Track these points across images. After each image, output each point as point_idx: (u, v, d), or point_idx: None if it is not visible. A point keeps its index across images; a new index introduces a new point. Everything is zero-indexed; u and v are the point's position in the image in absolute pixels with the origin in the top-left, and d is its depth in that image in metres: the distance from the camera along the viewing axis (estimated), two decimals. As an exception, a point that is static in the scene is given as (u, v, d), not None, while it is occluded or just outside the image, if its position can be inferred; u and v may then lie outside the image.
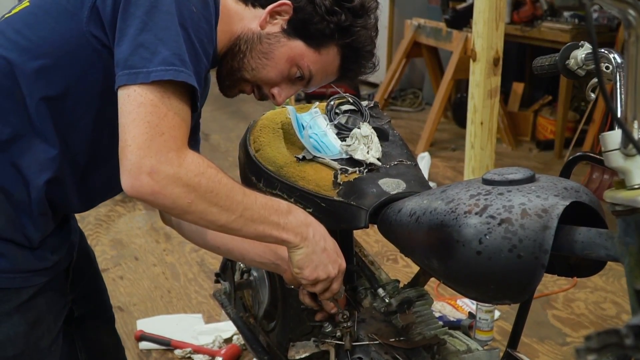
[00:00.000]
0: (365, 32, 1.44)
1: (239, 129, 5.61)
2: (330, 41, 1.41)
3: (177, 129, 1.19)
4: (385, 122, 1.77)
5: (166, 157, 1.16)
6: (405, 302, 1.54)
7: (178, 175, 1.17)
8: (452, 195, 1.25)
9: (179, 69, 1.17)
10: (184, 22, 1.20)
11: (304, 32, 1.40)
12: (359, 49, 1.45)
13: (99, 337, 1.64)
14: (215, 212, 1.23)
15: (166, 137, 1.17)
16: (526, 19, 5.00)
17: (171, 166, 1.16)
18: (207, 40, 1.26)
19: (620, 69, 1.17)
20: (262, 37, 1.40)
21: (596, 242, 1.08)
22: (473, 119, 3.32)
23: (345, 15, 1.40)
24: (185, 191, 1.18)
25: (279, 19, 1.40)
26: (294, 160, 1.61)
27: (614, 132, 1.01)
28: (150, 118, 1.16)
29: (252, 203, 1.27)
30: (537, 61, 1.43)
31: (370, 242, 3.58)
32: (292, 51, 1.41)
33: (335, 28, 1.40)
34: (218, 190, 1.22)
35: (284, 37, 1.40)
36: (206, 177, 1.21)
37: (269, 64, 1.41)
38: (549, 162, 5.00)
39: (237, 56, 1.41)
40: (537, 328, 2.85)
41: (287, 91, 1.46)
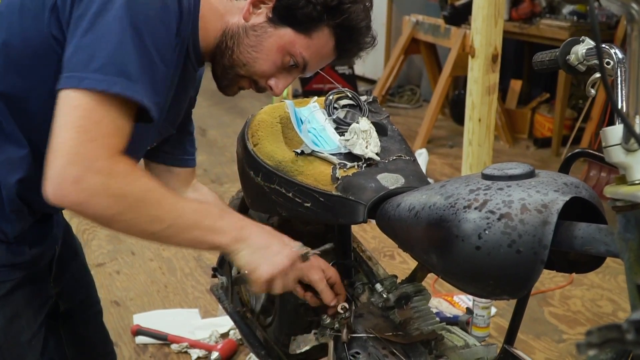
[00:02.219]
0: (356, 6, 1.36)
1: (235, 124, 5.61)
2: (320, 23, 1.35)
3: (111, 136, 1.14)
4: (384, 117, 1.76)
5: (94, 166, 1.11)
6: (403, 298, 1.54)
7: (106, 185, 1.12)
8: (451, 190, 1.25)
9: (114, 79, 1.11)
10: (137, 28, 1.14)
11: (291, 18, 1.34)
12: (353, 27, 1.38)
13: (86, 332, 1.63)
14: (144, 222, 1.19)
15: (97, 144, 1.12)
16: (525, 16, 5.00)
17: (99, 175, 1.11)
18: (166, 45, 1.21)
19: (622, 65, 1.17)
20: (247, 29, 1.36)
21: (596, 238, 1.08)
22: (471, 116, 3.31)
23: None
24: (113, 202, 1.14)
25: (263, 7, 1.35)
26: (292, 155, 1.60)
27: (615, 127, 1.01)
28: (83, 123, 1.11)
29: (183, 210, 1.23)
30: (537, 56, 1.43)
31: (367, 238, 3.58)
32: (282, 40, 1.36)
33: (322, 9, 1.33)
34: (147, 200, 1.18)
35: (270, 26, 1.35)
36: (136, 187, 1.17)
37: (259, 56, 1.37)
38: (546, 159, 5.01)
39: (226, 53, 1.37)
40: (534, 325, 2.85)
41: (284, 81, 1.42)
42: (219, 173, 4.65)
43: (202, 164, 4.74)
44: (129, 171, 1.15)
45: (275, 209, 1.63)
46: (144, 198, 1.17)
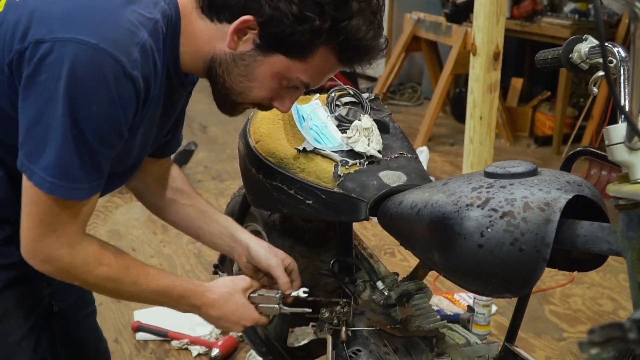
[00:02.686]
0: (356, 21, 1.20)
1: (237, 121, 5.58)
2: (316, 46, 1.22)
3: (70, 225, 1.23)
4: (386, 114, 1.76)
5: (57, 254, 1.23)
6: (404, 295, 1.54)
7: (68, 270, 1.26)
8: (453, 188, 1.25)
9: (57, 182, 1.15)
10: (79, 126, 1.12)
11: (280, 45, 1.22)
12: (355, 44, 1.23)
13: (79, 332, 1.62)
14: (105, 293, 1.38)
15: (58, 234, 1.22)
16: (526, 14, 5.00)
17: (62, 262, 1.24)
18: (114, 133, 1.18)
19: (624, 63, 1.17)
20: (235, 58, 1.25)
21: (598, 236, 1.08)
22: (472, 114, 3.31)
23: (321, 17, 1.18)
24: (75, 280, 1.30)
25: (249, 34, 1.22)
26: (294, 152, 1.60)
27: (618, 125, 1.01)
28: (43, 217, 1.19)
29: (140, 292, 1.37)
30: (540, 54, 1.42)
31: (368, 235, 3.58)
32: (274, 67, 1.25)
33: (314, 34, 1.19)
34: (104, 285, 1.32)
35: (259, 54, 1.23)
36: (93, 275, 1.29)
37: (253, 85, 1.28)
38: (547, 157, 5.01)
39: (218, 81, 1.30)
40: (534, 323, 2.85)
41: (289, 99, 1.34)
42: (220, 170, 4.65)
43: (203, 161, 4.74)
44: (89, 261, 1.27)
45: (277, 206, 1.63)
46: (103, 286, 1.33)
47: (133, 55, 1.14)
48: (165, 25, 1.22)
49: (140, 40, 1.15)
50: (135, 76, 1.14)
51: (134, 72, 1.14)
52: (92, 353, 1.68)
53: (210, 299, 1.45)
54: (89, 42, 1.10)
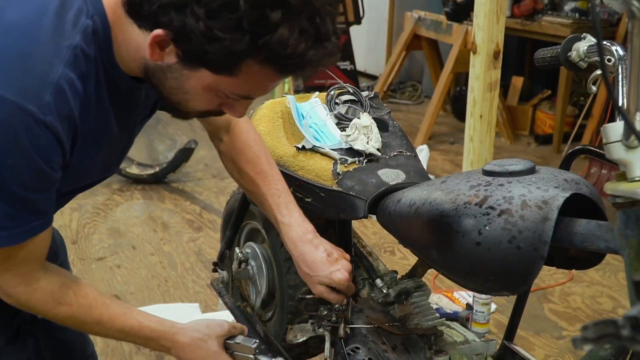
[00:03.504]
0: (282, 33, 1.05)
1: (237, 119, 5.60)
2: (241, 61, 1.09)
3: (23, 264, 1.23)
4: (385, 112, 1.77)
5: (15, 291, 1.25)
6: (403, 293, 1.54)
7: (28, 305, 1.29)
8: (452, 186, 1.25)
9: None
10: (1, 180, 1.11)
11: (201, 60, 1.10)
12: (286, 57, 1.08)
13: (64, 336, 1.61)
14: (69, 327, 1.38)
15: (13, 273, 1.23)
16: (526, 12, 5.00)
17: (21, 298, 1.27)
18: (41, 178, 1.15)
19: (623, 62, 1.17)
20: (164, 70, 1.15)
21: (596, 235, 1.08)
22: (472, 112, 3.31)
23: (236, 34, 1.04)
24: (38, 314, 1.33)
25: (171, 46, 1.10)
26: (293, 150, 1.60)
27: (616, 123, 1.01)
28: None
29: (104, 330, 1.37)
30: (538, 53, 1.43)
31: (367, 234, 3.58)
32: (202, 81, 1.14)
33: (229, 53, 1.06)
34: (65, 322, 1.34)
35: (184, 68, 1.12)
36: (52, 314, 1.31)
37: (189, 97, 1.19)
38: (547, 156, 5.01)
39: (157, 90, 1.21)
40: (533, 321, 2.85)
41: (240, 107, 1.24)
42: (220, 168, 4.63)
43: (204, 159, 4.75)
44: (46, 299, 1.28)
45: (276, 203, 1.63)
46: (64, 323, 1.35)
47: (44, 99, 1.08)
48: (90, 43, 1.15)
49: (54, 79, 1.09)
50: (49, 122, 1.09)
51: (47, 118, 1.09)
52: (78, 356, 1.68)
53: (181, 342, 1.43)
54: None
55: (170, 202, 4.05)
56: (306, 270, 1.52)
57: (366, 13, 6.14)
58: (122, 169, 4.23)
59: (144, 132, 5.45)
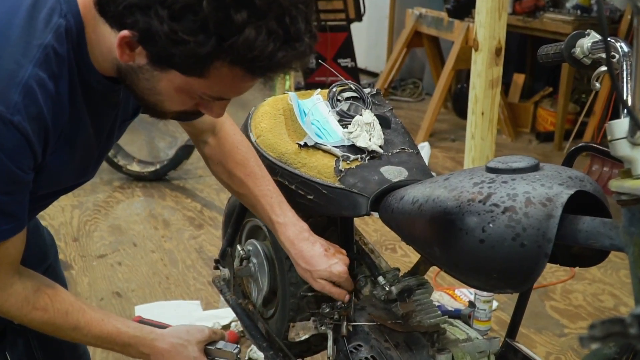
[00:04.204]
0: (248, 34, 1.02)
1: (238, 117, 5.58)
2: (209, 63, 1.06)
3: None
4: (388, 109, 1.76)
5: None
6: (405, 291, 1.53)
7: (2, 310, 1.26)
8: (455, 183, 1.24)
9: None
10: None
11: (169, 62, 1.07)
12: (255, 59, 1.05)
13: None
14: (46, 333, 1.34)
15: None
16: (528, 9, 4.99)
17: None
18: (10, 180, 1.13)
19: (627, 58, 1.17)
20: (136, 71, 1.12)
21: (600, 232, 1.08)
22: (474, 109, 3.30)
23: (201, 36, 1.02)
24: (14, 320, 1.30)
25: (140, 48, 1.08)
26: (295, 147, 1.60)
27: (621, 120, 1.00)
28: None
29: (81, 336, 1.35)
30: (542, 49, 1.42)
31: (369, 231, 3.58)
32: (173, 82, 1.11)
33: (195, 55, 1.04)
34: (41, 327, 1.31)
35: (155, 69, 1.10)
36: (28, 319, 1.28)
37: (162, 98, 1.16)
38: (549, 154, 5.00)
39: (131, 91, 1.19)
40: (535, 319, 2.85)
41: (217, 107, 1.21)
42: (221, 165, 4.64)
43: (204, 156, 4.74)
44: (21, 304, 1.26)
45: (278, 201, 1.63)
46: (41, 329, 1.31)
47: (12, 99, 1.06)
48: (62, 42, 1.13)
49: (22, 79, 1.07)
50: (17, 122, 1.07)
51: (15, 117, 1.07)
52: (69, 356, 1.67)
53: (159, 348, 1.42)
54: None
55: (171, 199, 4.05)
56: (305, 267, 1.52)
57: (367, 10, 6.14)
58: (123, 167, 4.23)
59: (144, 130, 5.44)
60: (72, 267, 3.23)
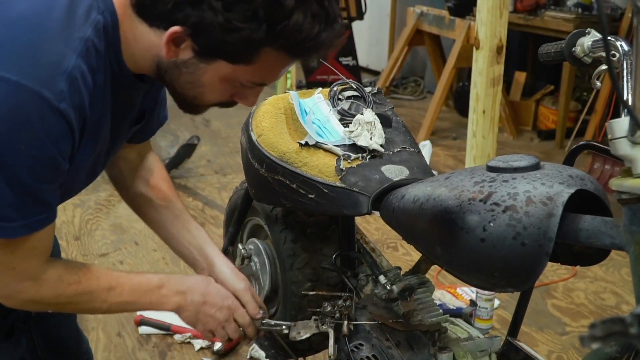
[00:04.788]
0: (296, 18, 1.10)
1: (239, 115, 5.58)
2: (258, 49, 1.13)
3: (30, 258, 1.21)
4: (389, 108, 1.76)
5: (20, 287, 1.22)
6: (406, 289, 1.54)
7: (35, 299, 1.25)
8: (456, 182, 1.25)
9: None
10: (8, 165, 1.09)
11: (220, 52, 1.14)
12: (301, 42, 1.13)
13: (59, 333, 1.60)
14: (81, 310, 1.37)
15: (18, 271, 1.21)
16: (529, 7, 4.99)
17: (27, 294, 1.24)
18: (52, 167, 1.14)
19: (627, 57, 1.16)
20: (179, 66, 1.18)
21: (601, 231, 1.08)
22: (475, 108, 3.30)
23: (253, 23, 1.09)
24: (46, 307, 1.31)
25: (186, 41, 1.14)
26: (296, 146, 1.60)
27: (621, 119, 1.00)
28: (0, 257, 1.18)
29: (117, 296, 1.33)
30: (543, 48, 1.42)
31: (370, 229, 3.58)
32: (219, 73, 1.18)
33: (248, 42, 1.11)
34: (78, 301, 1.30)
35: (201, 62, 1.16)
36: (64, 296, 1.28)
37: (204, 90, 1.22)
38: (550, 151, 5.00)
39: (170, 87, 1.24)
40: (537, 317, 2.85)
41: (251, 95, 1.26)
42: (222, 164, 4.64)
43: (206, 155, 4.74)
44: (56, 285, 1.26)
45: (279, 200, 1.63)
46: (73, 301, 1.30)
47: (58, 87, 1.08)
48: (101, 38, 1.16)
49: (67, 69, 1.09)
50: (63, 109, 1.09)
51: (61, 105, 1.09)
52: (73, 354, 1.67)
53: (191, 281, 1.45)
54: (10, 80, 1.05)
55: (173, 198, 4.04)
56: None
57: (368, 8, 6.13)
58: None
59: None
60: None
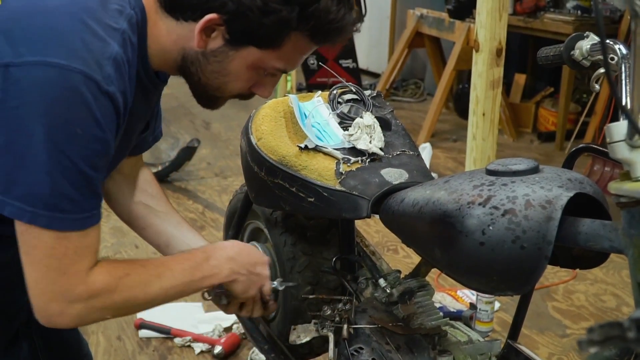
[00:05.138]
0: (325, 2, 1.17)
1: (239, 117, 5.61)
2: (287, 34, 1.19)
3: (79, 261, 1.15)
4: (388, 111, 1.76)
5: (73, 295, 1.15)
6: (406, 293, 1.54)
7: (89, 308, 1.17)
8: (455, 186, 1.25)
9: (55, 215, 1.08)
10: (64, 151, 1.06)
11: (250, 38, 1.20)
12: (327, 25, 1.20)
13: (59, 336, 1.58)
14: (140, 307, 1.29)
15: (69, 276, 1.14)
16: (529, 10, 5.00)
17: (80, 301, 1.16)
18: (105, 153, 1.13)
19: (626, 60, 1.17)
20: (207, 56, 1.22)
21: (600, 234, 1.08)
22: (475, 110, 3.30)
23: (287, 5, 1.15)
24: (101, 314, 1.21)
25: (217, 30, 1.19)
26: (296, 149, 1.60)
27: (620, 123, 1.00)
28: (48, 261, 1.12)
29: (171, 280, 1.28)
30: (541, 51, 1.42)
31: (370, 232, 3.58)
32: (247, 59, 1.23)
33: (283, 23, 1.17)
34: (134, 295, 1.23)
35: (230, 49, 1.21)
36: (119, 292, 1.20)
37: (229, 79, 1.26)
38: (550, 153, 5.00)
39: (193, 79, 1.27)
40: (537, 319, 2.85)
41: (269, 85, 1.31)
42: (222, 166, 4.65)
43: (206, 157, 4.74)
44: (108, 282, 1.19)
45: (279, 203, 1.63)
46: (130, 297, 1.23)
47: (106, 70, 1.09)
48: (134, 32, 1.18)
49: (112, 54, 1.11)
50: (112, 92, 1.10)
51: (110, 88, 1.09)
52: (73, 357, 1.67)
53: (231, 245, 1.43)
54: (59, 64, 1.05)
55: (173, 200, 4.05)
56: None
57: (368, 10, 6.13)
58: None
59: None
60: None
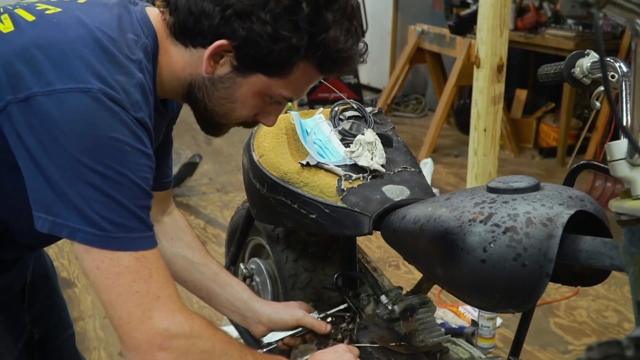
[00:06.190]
0: (334, 32, 1.17)
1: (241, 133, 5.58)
2: (295, 63, 1.19)
3: (168, 285, 1.12)
4: (389, 128, 1.77)
5: (174, 322, 1.11)
6: (408, 309, 1.54)
7: (192, 345, 1.13)
8: (456, 203, 1.25)
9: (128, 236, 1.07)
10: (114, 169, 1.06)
11: (258, 65, 1.19)
12: (335, 55, 1.19)
13: (60, 357, 1.59)
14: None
15: (164, 300, 1.11)
16: (530, 25, 5.01)
17: (183, 338, 1.12)
18: (152, 163, 1.13)
19: (626, 78, 1.17)
20: (214, 82, 1.22)
21: (601, 252, 1.08)
22: (476, 126, 3.31)
23: (297, 34, 1.15)
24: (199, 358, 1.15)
25: (225, 57, 1.19)
26: (297, 166, 1.61)
27: (620, 141, 1.01)
28: (138, 287, 1.08)
29: None
30: (542, 69, 1.43)
31: (372, 248, 3.57)
32: (255, 87, 1.22)
33: (292, 52, 1.16)
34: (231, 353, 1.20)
35: (238, 76, 1.20)
36: (217, 343, 1.18)
37: (235, 106, 1.25)
38: (552, 169, 5.00)
39: (200, 105, 1.26)
40: (539, 336, 2.84)
41: (274, 114, 1.31)
42: (224, 182, 4.65)
43: (208, 173, 4.75)
44: (205, 325, 1.17)
45: (281, 220, 1.64)
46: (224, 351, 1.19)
47: (134, 97, 1.10)
48: (149, 61, 1.18)
49: (138, 80, 1.12)
50: (140, 117, 1.11)
51: (139, 114, 1.10)
52: None
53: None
54: (92, 89, 1.05)
55: (175, 216, 4.05)
56: None
57: (369, 26, 6.16)
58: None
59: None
60: (76, 285, 3.23)
